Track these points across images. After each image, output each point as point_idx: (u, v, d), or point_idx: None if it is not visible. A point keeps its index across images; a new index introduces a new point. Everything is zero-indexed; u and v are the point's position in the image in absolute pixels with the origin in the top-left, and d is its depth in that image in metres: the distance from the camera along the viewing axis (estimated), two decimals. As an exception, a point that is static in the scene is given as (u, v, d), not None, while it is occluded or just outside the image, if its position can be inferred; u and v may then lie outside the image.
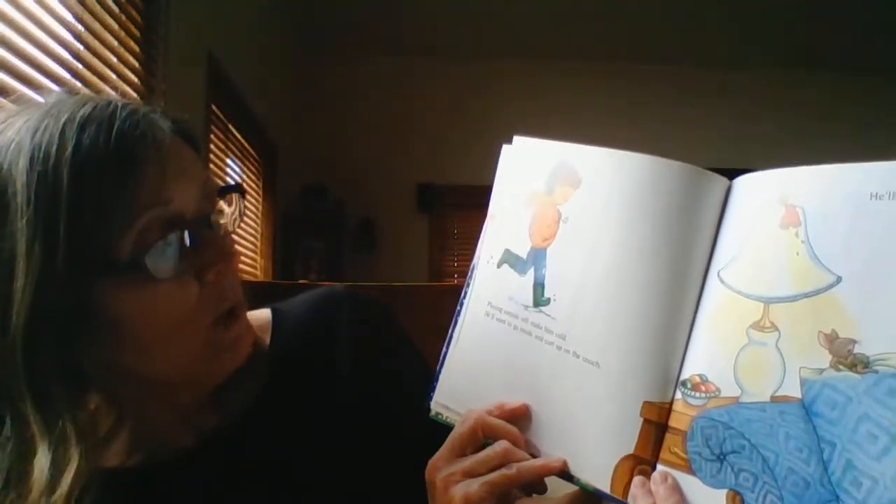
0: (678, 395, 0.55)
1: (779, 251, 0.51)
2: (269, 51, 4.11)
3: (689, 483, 0.53)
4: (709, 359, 0.54)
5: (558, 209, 0.62)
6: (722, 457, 0.51)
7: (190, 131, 0.67)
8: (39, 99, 0.64)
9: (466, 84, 5.08)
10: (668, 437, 0.55)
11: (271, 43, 4.14)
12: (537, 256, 0.63)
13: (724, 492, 0.51)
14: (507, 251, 0.65)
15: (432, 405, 0.69)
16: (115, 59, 1.87)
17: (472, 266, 0.69)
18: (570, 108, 4.95)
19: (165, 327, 0.60)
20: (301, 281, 3.92)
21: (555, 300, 0.61)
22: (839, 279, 0.48)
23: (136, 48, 2.01)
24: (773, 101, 5.08)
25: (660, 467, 0.55)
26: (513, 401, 0.62)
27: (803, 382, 0.48)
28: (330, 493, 0.72)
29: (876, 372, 0.46)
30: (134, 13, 1.99)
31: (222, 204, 0.67)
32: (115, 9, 1.88)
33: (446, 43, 4.86)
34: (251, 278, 3.63)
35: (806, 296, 0.49)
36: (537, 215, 0.63)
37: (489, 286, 0.67)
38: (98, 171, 0.55)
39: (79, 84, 1.65)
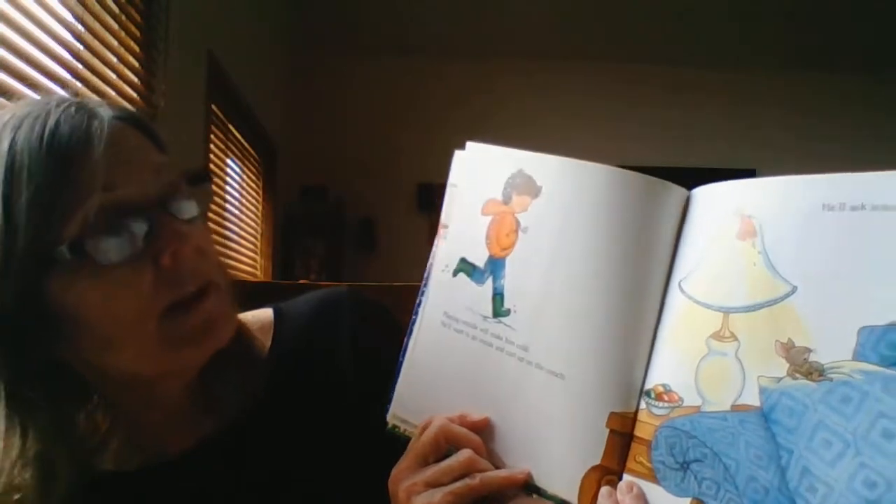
0: (643, 404, 0.55)
1: (737, 262, 0.51)
2: (270, 51, 4.07)
3: (655, 492, 0.53)
4: (671, 368, 0.54)
5: (517, 218, 0.61)
6: (686, 465, 0.51)
7: (139, 119, 0.65)
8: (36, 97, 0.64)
9: (467, 84, 5.00)
10: (634, 446, 0.54)
11: (271, 43, 4.10)
12: (495, 266, 0.62)
13: (688, 500, 0.51)
14: (463, 260, 0.64)
15: (389, 418, 0.67)
16: (115, 59, 1.85)
17: (425, 274, 0.67)
18: (570, 109, 4.90)
19: (120, 315, 0.58)
20: (301, 281, 3.87)
21: (515, 311, 0.60)
22: (795, 289, 0.48)
23: (136, 48, 1.98)
24: (763, 101, 5.03)
25: (626, 477, 0.54)
26: (475, 413, 0.61)
27: (762, 391, 0.48)
28: (330, 496, 0.71)
29: (830, 380, 0.45)
30: (134, 13, 1.96)
31: (192, 188, 0.64)
32: (115, 9, 1.85)
33: (447, 43, 4.80)
34: (251, 278, 3.59)
35: (763, 305, 0.49)
36: (495, 223, 0.62)
37: (445, 295, 0.65)
38: (32, 165, 0.54)
39: (79, 84, 1.64)
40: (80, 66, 1.66)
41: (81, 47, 1.67)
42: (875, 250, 0.45)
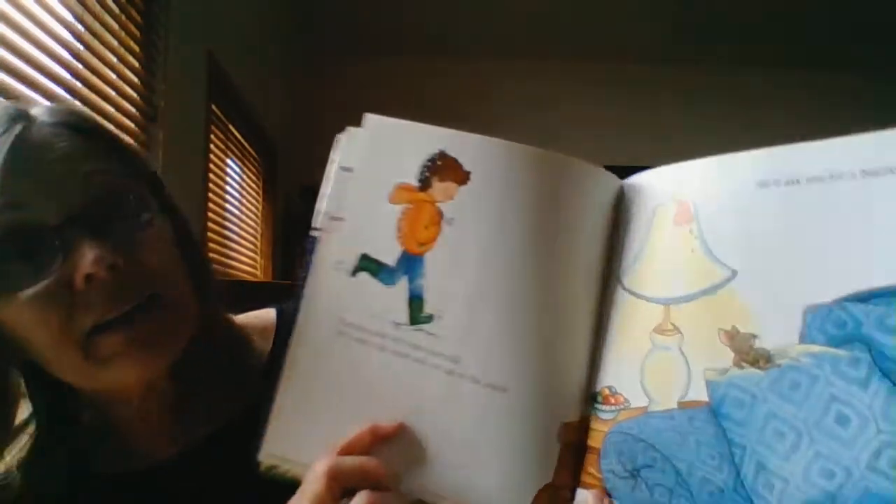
0: (590, 410, 0.51)
1: (675, 250, 0.47)
2: (270, 51, 3.98)
3: (606, 504, 0.48)
4: (616, 369, 0.49)
5: (439, 208, 0.53)
6: (636, 472, 0.47)
7: (76, 122, 0.60)
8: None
9: (467, 84, 4.86)
10: (588, 457, 0.50)
11: (271, 43, 3.99)
12: (411, 264, 0.53)
13: (640, 510, 0.47)
14: (366, 257, 0.53)
15: (261, 457, 0.53)
16: (115, 59, 1.81)
17: (302, 275, 0.55)
18: (573, 110, 4.75)
19: (43, 339, 0.54)
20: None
21: (440, 317, 0.52)
22: (734, 273, 0.44)
23: (136, 48, 1.95)
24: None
25: (580, 492, 0.50)
26: (386, 422, 0.51)
27: (708, 384, 0.44)
28: None
29: (778, 366, 0.42)
30: (134, 13, 1.93)
31: (138, 195, 0.60)
32: (115, 9, 1.82)
33: (447, 43, 4.68)
34: (251, 278, 3.50)
35: (704, 293, 0.45)
36: (409, 214, 0.53)
37: (340, 299, 0.53)
38: None
39: (79, 84, 1.61)
40: (80, 66, 1.64)
41: (81, 47, 1.66)
42: (813, 225, 0.42)
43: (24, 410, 0.61)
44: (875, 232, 0.39)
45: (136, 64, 1.96)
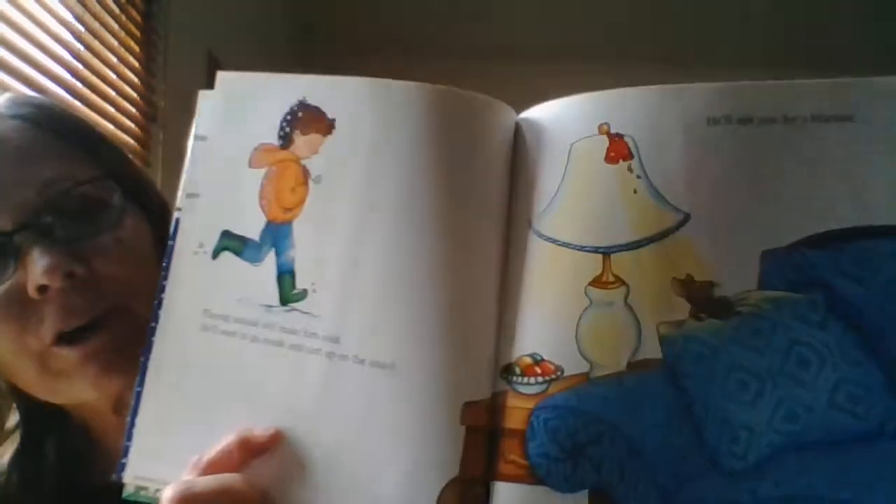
0: (504, 385, 0.42)
1: (611, 191, 0.41)
2: (270, 51, 3.80)
3: (539, 496, 0.40)
4: (541, 333, 0.41)
5: (304, 166, 0.43)
6: (576, 452, 0.40)
7: (39, 118, 0.55)
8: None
9: (469, 86, 4.06)
10: (504, 442, 0.41)
11: (272, 43, 3.80)
12: (278, 234, 0.43)
13: (584, 494, 0.40)
14: (227, 234, 0.45)
15: (126, 477, 0.44)
16: (115, 59, 1.81)
17: (164, 266, 0.46)
18: None
19: (2, 353, 0.51)
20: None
21: (314, 291, 0.42)
22: (687, 217, 0.40)
23: (136, 48, 1.95)
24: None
25: (498, 485, 0.41)
26: (260, 429, 0.42)
27: (663, 340, 0.40)
28: None
29: (739, 314, 0.40)
30: (134, 13, 1.93)
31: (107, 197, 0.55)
32: (115, 9, 1.84)
33: (448, 42, 4.12)
34: None
35: (652, 240, 0.40)
36: (272, 178, 0.44)
37: (202, 288, 0.45)
38: None
39: (79, 84, 1.62)
40: (80, 66, 1.66)
41: (81, 47, 1.67)
42: (768, 167, 0.40)
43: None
44: (828, 177, 0.40)
45: (136, 64, 1.97)
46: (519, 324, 0.42)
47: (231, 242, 0.45)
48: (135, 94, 1.97)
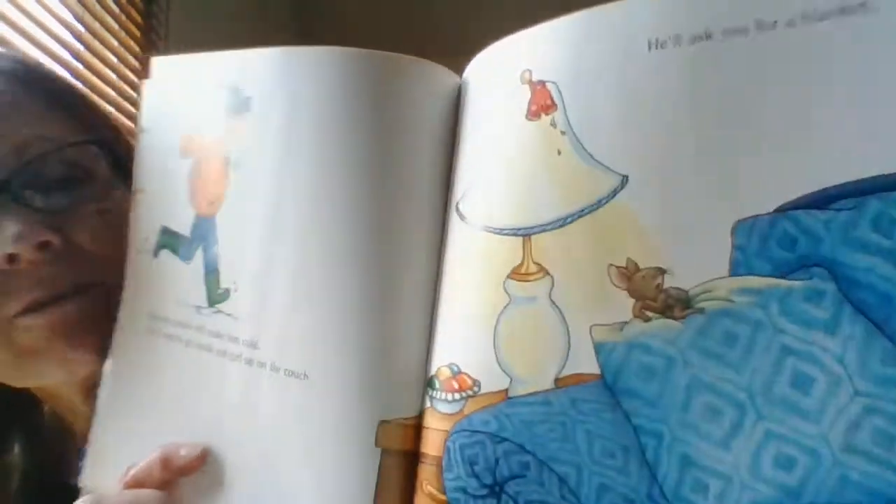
0: (427, 402, 0.35)
1: (532, 153, 0.31)
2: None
3: (458, 538, 0.33)
4: (459, 339, 0.33)
5: (224, 154, 0.39)
6: (498, 488, 0.32)
7: (25, 75, 0.51)
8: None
9: None
10: (423, 470, 0.34)
11: (272, 43, 3.91)
12: (204, 229, 0.40)
13: (510, 541, 0.32)
14: (165, 230, 0.42)
15: (80, 482, 0.44)
16: (115, 59, 1.79)
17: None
18: None
19: None
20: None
21: (236, 290, 0.38)
22: (624, 180, 0.29)
23: (136, 48, 1.92)
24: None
25: (412, 522, 0.34)
26: (187, 446, 0.39)
27: (599, 348, 0.30)
28: None
29: (702, 311, 0.28)
30: (134, 13, 1.91)
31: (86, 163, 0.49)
32: (115, 9, 1.81)
33: (449, 43, 4.53)
34: None
35: (581, 213, 0.30)
36: (198, 167, 0.41)
37: (147, 288, 0.43)
38: None
39: (79, 84, 1.54)
40: (80, 66, 1.63)
41: (81, 47, 1.63)
42: (738, 99, 0.28)
43: None
44: (831, 104, 0.26)
45: (136, 64, 1.92)
46: (440, 328, 0.34)
47: (168, 239, 0.42)
48: (135, 95, 1.92)
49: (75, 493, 0.44)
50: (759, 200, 0.27)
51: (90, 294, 0.47)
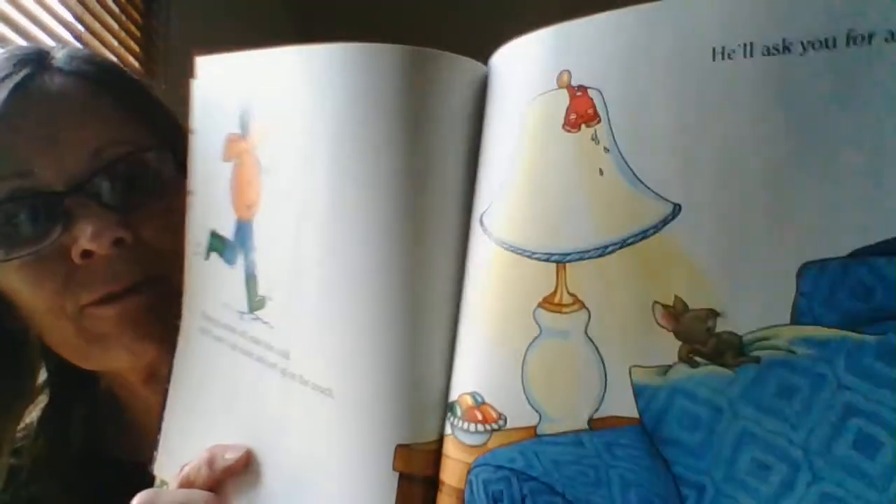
0: (448, 429, 0.33)
1: (567, 170, 0.28)
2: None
3: (478, 576, 0.31)
4: (483, 367, 0.31)
5: (257, 156, 0.38)
6: (524, 527, 0.30)
7: (99, 76, 0.53)
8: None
9: None
10: (442, 499, 0.32)
11: (272, 43, 3.91)
12: (244, 233, 0.39)
13: (534, 584, 0.30)
14: (214, 234, 0.42)
15: (154, 470, 0.45)
16: (115, 59, 1.67)
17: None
18: None
19: (36, 308, 0.50)
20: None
21: (270, 299, 0.37)
22: (677, 209, 0.26)
23: (136, 48, 1.91)
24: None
25: (430, 555, 0.32)
26: (233, 448, 0.39)
27: (639, 391, 0.27)
28: None
29: (757, 360, 0.26)
30: (134, 13, 1.90)
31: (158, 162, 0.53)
32: (115, 9, 1.80)
33: (450, 44, 4.60)
34: None
35: (624, 243, 0.27)
36: (236, 171, 0.40)
37: (200, 289, 0.43)
38: None
39: None
40: None
41: (81, 47, 1.52)
42: (817, 121, 0.24)
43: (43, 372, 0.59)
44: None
45: (136, 64, 1.92)
46: (464, 350, 0.32)
47: (215, 242, 0.42)
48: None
49: (123, 468, 0.49)
50: (832, 241, 0.24)
51: (156, 287, 0.50)
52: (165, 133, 0.55)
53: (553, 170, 0.28)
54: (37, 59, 0.52)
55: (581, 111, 0.28)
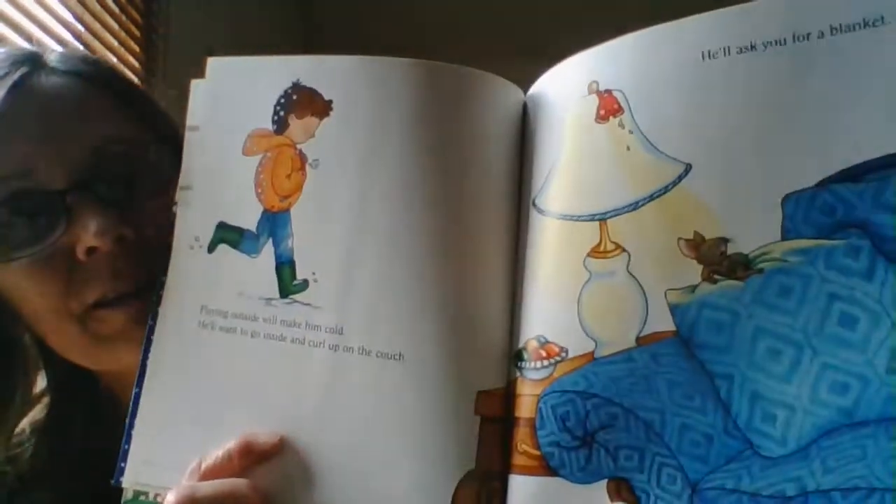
0: (516, 372, 0.40)
1: (603, 151, 0.37)
2: (270, 51, 3.69)
3: (554, 489, 0.37)
4: (544, 314, 0.38)
5: (300, 150, 0.43)
6: (589, 438, 0.36)
7: (94, 74, 0.54)
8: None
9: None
10: (517, 432, 0.38)
11: (272, 43, 3.76)
12: (276, 224, 0.43)
13: (602, 485, 0.36)
14: (223, 226, 0.44)
15: (124, 482, 0.43)
16: (115, 59, 1.79)
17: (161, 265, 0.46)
18: None
19: (40, 309, 0.50)
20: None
21: (316, 281, 0.41)
22: (688, 167, 0.36)
23: (137, 48, 1.94)
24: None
25: (513, 479, 0.38)
26: (264, 434, 0.40)
27: (673, 309, 0.35)
28: None
29: (760, 271, 0.34)
30: (134, 13, 1.92)
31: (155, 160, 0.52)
32: (115, 9, 1.82)
33: (451, 44, 4.39)
34: None
35: (651, 198, 0.36)
36: (267, 165, 0.43)
37: (200, 283, 0.44)
38: None
39: None
40: None
41: (81, 47, 1.62)
42: (779, 97, 0.34)
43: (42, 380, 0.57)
44: (859, 98, 0.33)
45: (136, 64, 1.95)
46: (525, 306, 0.40)
47: (227, 234, 0.44)
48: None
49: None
50: (802, 177, 0.34)
51: (161, 285, 0.48)
52: (162, 130, 0.55)
53: (590, 152, 0.38)
54: (32, 60, 0.52)
55: (608, 107, 0.37)
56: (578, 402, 0.37)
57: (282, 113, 0.44)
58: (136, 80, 1.83)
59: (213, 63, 0.47)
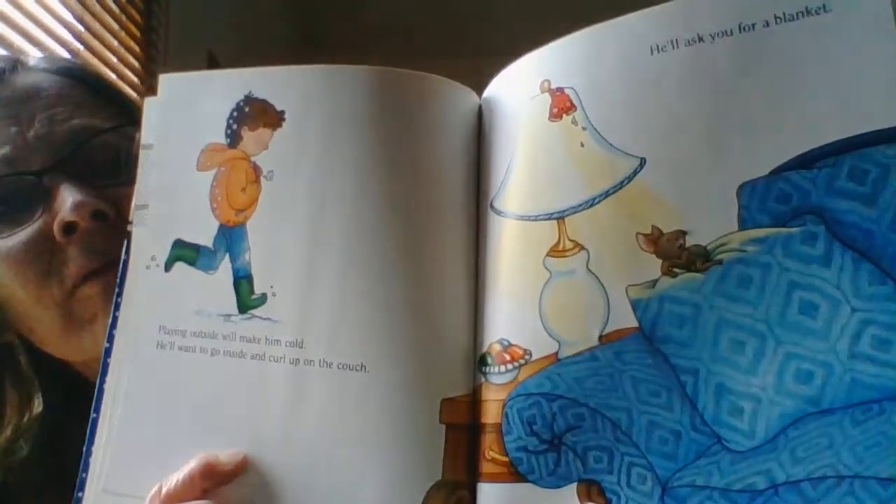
0: (481, 379, 0.39)
1: (558, 149, 0.37)
2: (270, 51, 3.85)
3: (524, 495, 0.37)
4: (506, 316, 0.38)
5: (254, 163, 0.42)
6: (557, 441, 0.36)
7: (71, 70, 0.58)
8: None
9: (472, 84, 4.54)
10: (484, 439, 0.38)
11: (272, 43, 3.78)
12: (232, 238, 0.42)
13: (572, 488, 0.36)
14: (179, 243, 0.44)
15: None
16: (115, 60, 1.81)
17: (118, 285, 0.45)
18: None
19: (22, 297, 0.51)
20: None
21: (274, 295, 0.41)
22: (643, 161, 0.36)
23: (137, 48, 1.96)
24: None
25: (482, 487, 0.38)
26: (226, 454, 0.39)
27: (635, 305, 0.35)
28: None
29: (720, 263, 0.34)
30: (134, 13, 1.94)
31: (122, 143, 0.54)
32: (115, 9, 1.84)
33: (451, 45, 4.43)
34: None
35: (607, 194, 0.36)
36: (221, 179, 0.43)
37: (156, 302, 0.44)
38: None
39: None
40: None
41: (81, 47, 1.64)
42: (729, 87, 0.35)
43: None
44: (805, 86, 0.33)
45: (136, 64, 1.96)
46: (487, 310, 0.39)
47: (183, 251, 0.44)
48: (135, 95, 1.94)
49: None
50: (755, 167, 0.34)
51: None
52: (136, 117, 0.54)
53: (545, 151, 0.38)
54: (10, 62, 0.56)
55: (561, 105, 0.37)
56: (544, 405, 0.36)
57: (234, 126, 0.43)
58: (136, 80, 1.92)
59: (164, 80, 0.47)
